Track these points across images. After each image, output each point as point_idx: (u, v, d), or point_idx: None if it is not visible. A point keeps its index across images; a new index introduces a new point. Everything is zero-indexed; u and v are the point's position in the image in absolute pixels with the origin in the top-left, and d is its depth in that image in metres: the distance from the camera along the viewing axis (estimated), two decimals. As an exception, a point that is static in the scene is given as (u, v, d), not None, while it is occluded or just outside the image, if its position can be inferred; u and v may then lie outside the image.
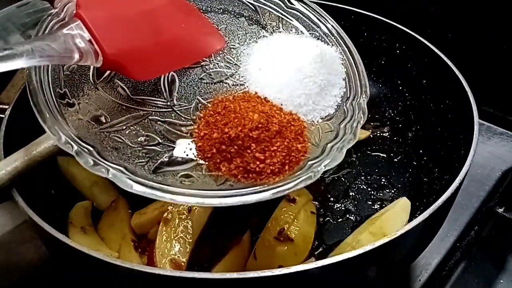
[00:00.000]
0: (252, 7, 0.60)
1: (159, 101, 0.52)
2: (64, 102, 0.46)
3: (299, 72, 0.51)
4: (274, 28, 0.59)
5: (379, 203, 0.64)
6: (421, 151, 0.69)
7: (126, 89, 0.51)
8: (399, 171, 0.68)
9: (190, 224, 0.55)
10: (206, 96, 0.53)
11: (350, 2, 0.72)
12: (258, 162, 0.45)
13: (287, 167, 0.46)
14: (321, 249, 0.58)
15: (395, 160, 0.70)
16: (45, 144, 0.50)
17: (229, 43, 0.58)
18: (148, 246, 0.55)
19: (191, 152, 0.47)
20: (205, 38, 0.57)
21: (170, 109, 0.51)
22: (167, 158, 0.47)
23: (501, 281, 0.60)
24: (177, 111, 0.51)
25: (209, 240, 0.57)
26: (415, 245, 0.52)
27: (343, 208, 0.63)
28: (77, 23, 0.44)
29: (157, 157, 0.47)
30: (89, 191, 0.62)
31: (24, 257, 0.55)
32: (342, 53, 0.57)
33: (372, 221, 0.57)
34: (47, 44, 0.41)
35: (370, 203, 0.64)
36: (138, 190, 0.41)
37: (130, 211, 0.60)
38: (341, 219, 0.62)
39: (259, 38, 0.59)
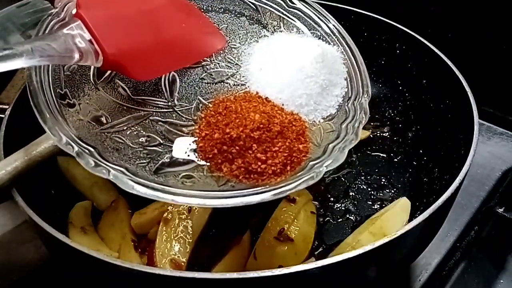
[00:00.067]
0: (253, 7, 0.60)
1: (160, 101, 0.51)
2: (64, 102, 0.46)
3: (301, 72, 0.51)
4: (275, 28, 0.59)
5: (379, 203, 0.64)
6: (421, 151, 0.69)
7: (126, 89, 0.51)
8: (399, 171, 0.68)
9: (190, 224, 0.55)
10: (207, 96, 0.53)
11: (350, 2, 0.72)
12: (259, 163, 0.45)
13: (288, 167, 0.45)
14: (321, 249, 0.58)
15: (395, 160, 0.70)
16: (45, 144, 0.50)
17: (230, 42, 0.58)
18: (148, 246, 0.55)
19: (192, 153, 0.47)
20: (206, 37, 0.57)
21: (171, 110, 0.51)
22: (168, 159, 0.47)
23: (501, 281, 0.60)
24: (178, 112, 0.51)
25: (209, 240, 0.57)
26: (415, 245, 0.52)
27: (343, 208, 0.63)
28: (77, 23, 0.44)
29: (158, 158, 0.47)
30: (89, 191, 0.62)
31: (24, 257, 0.55)
32: (344, 53, 0.56)
33: (372, 221, 0.57)
34: (47, 44, 0.41)
35: (370, 203, 0.64)
36: (139, 191, 0.41)
37: (130, 211, 0.60)
38: (341, 219, 0.62)
39: (260, 37, 0.58)
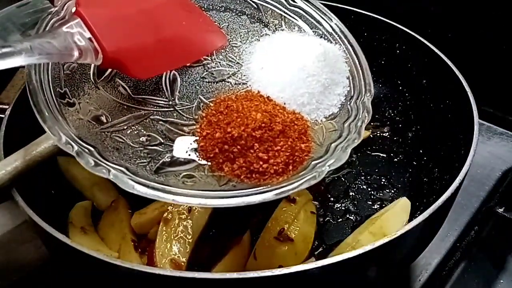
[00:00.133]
0: (254, 5, 0.60)
1: (161, 100, 0.51)
2: (64, 101, 0.46)
3: (302, 71, 0.51)
4: (277, 26, 0.59)
5: (379, 203, 0.64)
6: (421, 151, 0.69)
7: (127, 88, 0.51)
8: (399, 171, 0.68)
9: (190, 224, 0.55)
10: (208, 95, 0.53)
11: (350, 2, 0.72)
12: (261, 162, 0.44)
13: (290, 167, 0.45)
14: (321, 249, 0.58)
15: (395, 160, 0.70)
16: (45, 144, 0.50)
17: (231, 41, 0.57)
18: (148, 246, 0.55)
19: (193, 152, 0.47)
20: (206, 35, 0.57)
21: (172, 109, 0.51)
22: (169, 158, 0.47)
23: (501, 281, 0.60)
24: (179, 111, 0.51)
25: (209, 240, 0.57)
26: (415, 245, 0.52)
27: (343, 208, 0.63)
28: (76, 21, 0.44)
29: (159, 157, 0.46)
30: (89, 191, 0.62)
31: (24, 257, 0.55)
32: (346, 52, 0.56)
33: (372, 221, 0.57)
34: (46, 42, 0.41)
35: (370, 203, 0.64)
36: (140, 191, 0.41)
37: (130, 211, 0.60)
38: (341, 219, 0.62)
39: (261, 36, 0.58)
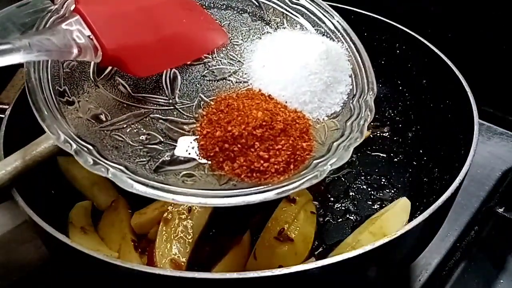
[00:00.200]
0: (255, 3, 0.59)
1: (161, 98, 0.51)
2: (63, 100, 0.46)
3: (304, 69, 0.51)
4: (279, 24, 0.58)
5: (379, 203, 0.64)
6: (421, 151, 0.69)
7: (127, 86, 0.51)
8: (399, 171, 0.68)
9: (190, 224, 0.55)
10: (208, 94, 0.52)
11: (350, 2, 0.72)
12: (262, 161, 0.44)
13: (292, 166, 0.45)
14: (321, 249, 0.58)
15: (395, 160, 0.70)
16: (45, 144, 0.50)
17: (232, 39, 0.57)
18: (148, 246, 0.55)
19: (194, 151, 0.47)
20: (207, 33, 0.56)
21: (172, 107, 0.51)
22: (168, 157, 0.46)
23: (501, 281, 0.60)
24: (179, 109, 0.51)
25: (209, 240, 0.57)
26: (415, 245, 0.52)
27: (343, 208, 0.63)
28: (76, 18, 0.44)
29: (159, 156, 0.46)
30: (89, 191, 0.62)
31: (24, 257, 0.55)
32: (348, 50, 0.56)
33: (372, 221, 0.57)
34: (45, 39, 0.41)
35: (370, 203, 0.64)
36: (139, 190, 0.41)
37: (130, 211, 0.60)
38: (341, 219, 0.62)
39: (263, 34, 0.58)
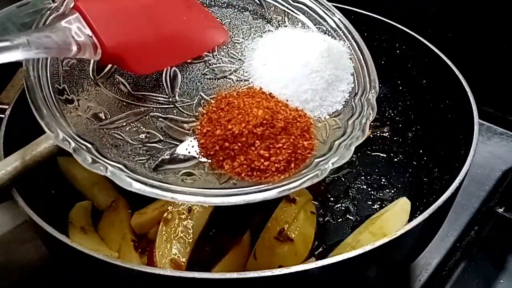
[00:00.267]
0: (257, 1, 0.59)
1: (161, 97, 0.51)
2: (62, 98, 0.45)
3: (306, 67, 0.50)
4: (280, 23, 0.58)
5: (379, 203, 0.64)
6: (421, 151, 0.69)
7: (127, 85, 0.50)
8: (399, 171, 0.68)
9: (190, 224, 0.55)
10: (209, 92, 0.52)
11: (350, 2, 0.72)
12: (262, 160, 0.44)
13: (292, 165, 0.45)
14: (321, 249, 0.58)
15: (395, 160, 0.70)
16: (45, 144, 0.50)
17: (233, 37, 0.57)
18: (148, 246, 0.55)
19: (193, 150, 0.46)
20: (207, 31, 0.56)
21: (172, 106, 0.50)
22: (168, 156, 0.46)
23: (501, 281, 0.60)
24: (179, 108, 0.50)
25: (209, 240, 0.57)
26: (415, 245, 0.52)
27: (343, 208, 0.63)
28: (75, 15, 0.44)
29: (158, 155, 0.46)
30: (89, 191, 0.61)
31: (24, 257, 0.55)
32: (350, 48, 0.55)
33: (372, 221, 0.57)
34: (44, 36, 0.41)
35: (370, 203, 0.64)
36: (138, 188, 0.40)
37: (130, 211, 0.60)
38: (341, 219, 0.62)
39: (264, 32, 0.58)
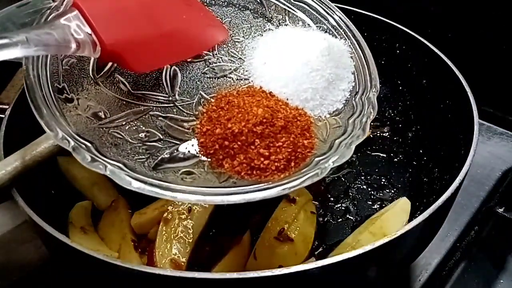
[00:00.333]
0: (257, 0, 0.59)
1: (161, 96, 0.51)
2: (62, 97, 0.45)
3: (306, 66, 0.50)
4: (280, 21, 0.58)
5: (379, 203, 0.64)
6: (421, 151, 0.69)
7: (126, 84, 0.50)
8: (399, 171, 0.68)
9: (190, 224, 0.55)
10: (209, 91, 0.52)
11: (350, 2, 0.72)
12: (262, 159, 0.44)
13: (293, 163, 0.44)
14: (321, 249, 0.58)
15: (395, 160, 0.70)
16: (45, 144, 0.50)
17: (233, 36, 0.56)
18: (148, 246, 0.55)
19: (193, 148, 0.46)
20: (207, 30, 0.56)
21: (172, 104, 0.50)
22: (168, 155, 0.46)
23: (501, 281, 0.60)
24: (179, 107, 0.50)
25: (209, 240, 0.57)
26: (415, 245, 0.52)
27: (343, 208, 0.63)
28: (74, 13, 0.44)
29: (158, 154, 0.46)
30: (89, 191, 0.62)
31: (24, 257, 0.55)
32: (351, 46, 0.55)
33: (372, 221, 0.57)
34: (43, 33, 0.40)
35: (370, 203, 0.64)
36: (137, 187, 0.40)
37: (130, 211, 0.60)
38: (341, 219, 0.62)
39: (264, 31, 0.57)
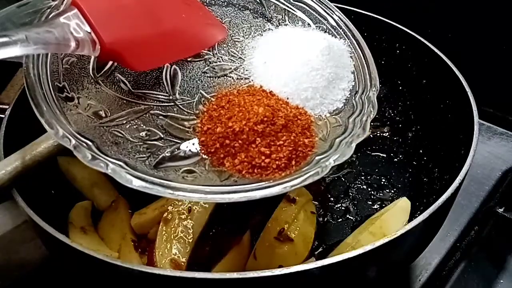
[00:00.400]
0: (257, 0, 0.59)
1: (161, 95, 0.51)
2: (63, 96, 0.45)
3: (306, 65, 0.50)
4: (280, 21, 0.58)
5: (379, 203, 0.64)
6: (421, 151, 0.69)
7: (127, 83, 0.50)
8: (399, 171, 0.68)
9: (190, 224, 0.55)
10: (209, 90, 0.52)
11: (350, 2, 0.72)
12: (263, 157, 0.44)
13: (293, 162, 0.44)
14: (321, 249, 0.58)
15: (395, 160, 0.70)
16: (45, 144, 0.50)
17: (233, 36, 0.56)
18: (148, 246, 0.55)
19: (194, 147, 0.46)
20: (206, 28, 0.56)
21: (172, 104, 0.50)
22: (169, 153, 0.46)
23: (501, 281, 0.60)
24: (180, 106, 0.50)
25: (209, 240, 0.57)
26: (415, 245, 0.52)
27: (343, 208, 0.63)
28: (74, 11, 0.43)
29: (159, 152, 0.46)
30: (89, 191, 0.61)
31: (24, 257, 0.55)
32: (351, 46, 0.55)
33: (372, 221, 0.57)
34: (43, 32, 0.40)
35: (370, 203, 0.64)
36: (138, 186, 0.40)
37: (130, 211, 0.60)
38: (341, 219, 0.62)
39: (264, 31, 0.57)
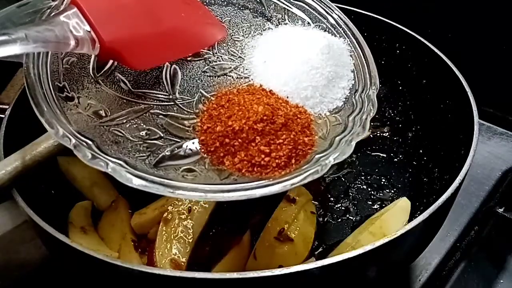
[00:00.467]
0: None
1: (161, 94, 0.51)
2: (63, 95, 0.45)
3: (306, 64, 0.50)
4: (280, 20, 0.58)
5: (379, 203, 0.64)
6: (421, 151, 0.69)
7: (127, 82, 0.50)
8: (399, 171, 0.68)
9: (190, 224, 0.55)
10: (209, 90, 0.52)
11: (350, 2, 0.72)
12: (263, 156, 0.44)
13: (293, 160, 0.44)
14: (321, 249, 0.58)
15: (395, 160, 0.70)
16: (45, 144, 0.50)
17: (233, 35, 0.56)
18: (148, 246, 0.55)
19: (194, 146, 0.46)
20: (206, 28, 0.56)
21: (172, 103, 0.50)
22: (169, 152, 0.46)
23: (501, 281, 0.60)
24: (179, 105, 0.50)
25: (209, 240, 0.57)
26: (415, 245, 0.52)
27: (343, 208, 0.63)
28: (73, 10, 0.44)
29: (159, 151, 0.46)
30: (89, 191, 0.62)
31: (24, 257, 0.55)
32: (350, 45, 0.55)
33: (372, 221, 0.57)
34: (43, 30, 0.41)
35: (370, 203, 0.64)
36: (138, 184, 0.40)
37: (130, 211, 0.60)
38: (341, 219, 0.62)
39: (264, 30, 0.57)
